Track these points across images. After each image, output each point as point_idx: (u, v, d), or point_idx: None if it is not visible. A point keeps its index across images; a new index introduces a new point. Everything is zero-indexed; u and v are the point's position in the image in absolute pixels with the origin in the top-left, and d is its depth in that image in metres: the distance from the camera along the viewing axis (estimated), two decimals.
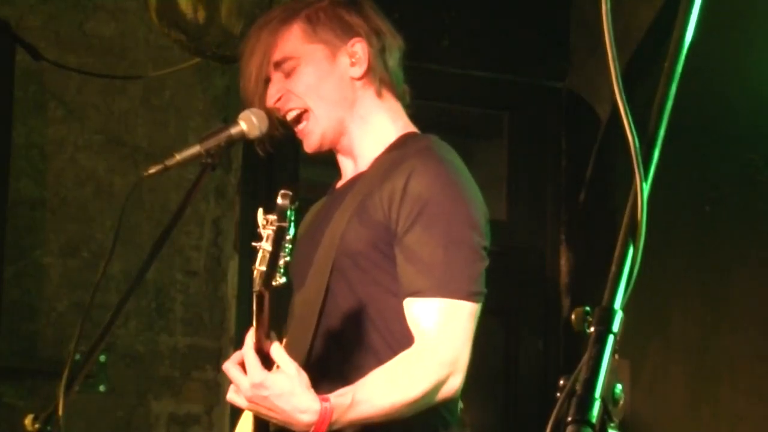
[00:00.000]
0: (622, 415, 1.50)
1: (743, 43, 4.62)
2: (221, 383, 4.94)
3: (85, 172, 4.82)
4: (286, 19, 2.97)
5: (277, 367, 2.64)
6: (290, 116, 2.96)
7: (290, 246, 2.48)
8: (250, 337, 2.62)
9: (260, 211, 2.50)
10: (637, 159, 1.59)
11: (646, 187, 1.59)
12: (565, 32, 5.45)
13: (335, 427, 2.64)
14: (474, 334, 2.78)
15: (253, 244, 2.50)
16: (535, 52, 5.43)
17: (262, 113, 2.92)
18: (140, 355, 4.85)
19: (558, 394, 1.51)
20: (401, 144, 2.93)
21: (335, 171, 3.15)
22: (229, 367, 2.66)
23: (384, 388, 2.68)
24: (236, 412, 4.87)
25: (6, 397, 4.66)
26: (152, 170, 2.82)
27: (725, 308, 4.77)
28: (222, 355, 4.94)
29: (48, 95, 4.80)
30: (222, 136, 2.87)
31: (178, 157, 2.84)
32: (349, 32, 2.95)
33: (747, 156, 4.68)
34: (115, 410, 4.80)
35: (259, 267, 2.49)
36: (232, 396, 2.70)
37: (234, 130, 2.89)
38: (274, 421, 2.66)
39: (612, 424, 1.48)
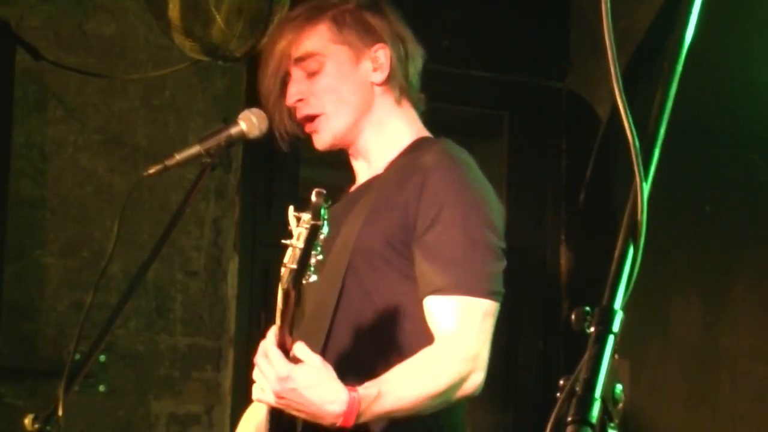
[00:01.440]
0: (622, 415, 1.50)
1: (743, 43, 4.61)
2: (221, 383, 4.94)
3: (85, 172, 4.82)
4: (313, 18, 2.97)
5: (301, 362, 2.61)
6: (307, 119, 2.96)
7: (320, 246, 2.47)
8: (273, 333, 2.59)
9: (291, 208, 2.49)
10: (637, 159, 1.59)
11: (646, 187, 1.59)
12: (565, 32, 5.45)
13: (361, 420, 2.62)
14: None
15: (284, 241, 2.50)
16: (535, 52, 5.43)
17: (261, 113, 2.92)
18: (140, 355, 4.84)
19: (558, 394, 1.51)
20: (415, 147, 2.95)
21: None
22: (261, 360, 2.60)
23: (408, 382, 2.67)
24: (237, 413, 4.88)
25: (6, 397, 4.66)
26: (152, 170, 2.83)
27: (725, 308, 4.77)
28: (222, 356, 4.94)
29: (48, 95, 4.79)
30: (222, 136, 2.87)
31: (178, 157, 2.85)
32: (373, 37, 2.96)
33: (747, 156, 4.68)
34: (115, 410, 4.80)
35: (289, 264, 2.48)
36: (258, 394, 2.67)
37: (234, 130, 2.89)
38: (303, 416, 2.62)
39: (612, 424, 1.48)
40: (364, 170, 3.02)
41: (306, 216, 2.45)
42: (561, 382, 1.52)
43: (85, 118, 4.84)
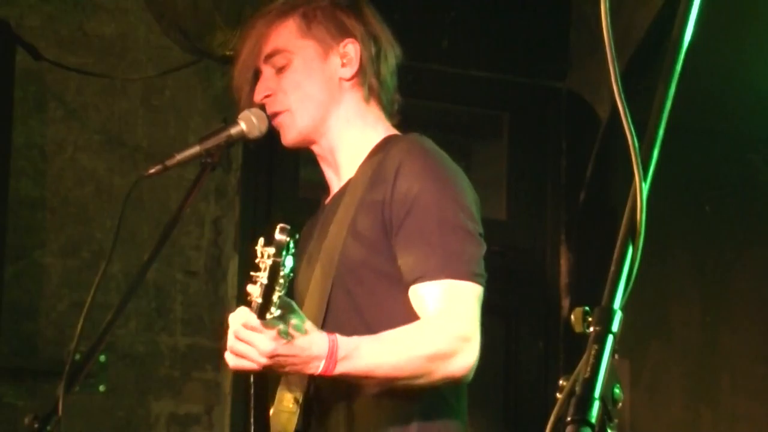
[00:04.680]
0: (622, 415, 1.50)
1: (743, 43, 4.61)
2: (221, 383, 4.94)
3: (85, 172, 4.82)
4: (283, 14, 2.98)
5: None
6: (275, 115, 2.96)
7: (285, 282, 2.45)
8: (243, 309, 2.60)
9: (260, 241, 2.48)
10: (637, 159, 1.59)
11: (646, 187, 1.59)
12: (565, 32, 5.45)
13: (342, 368, 2.61)
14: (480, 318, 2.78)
15: (251, 273, 2.49)
16: (535, 52, 5.43)
17: (261, 113, 2.92)
18: (140, 355, 4.84)
19: (558, 395, 1.51)
20: (383, 146, 2.93)
21: None
22: (240, 328, 2.61)
23: (390, 339, 2.67)
24: (236, 413, 4.89)
25: (6, 397, 4.66)
26: (152, 170, 2.83)
27: (725, 308, 4.77)
28: (222, 356, 4.93)
29: (48, 95, 4.79)
30: (222, 136, 2.88)
31: (178, 157, 2.85)
32: (343, 33, 2.95)
33: (747, 156, 4.68)
34: (115, 410, 4.80)
35: (255, 298, 2.49)
36: (238, 362, 2.65)
37: (234, 130, 2.89)
38: (289, 368, 2.61)
39: (611, 424, 1.48)
40: (333, 178, 3.01)
41: (270, 250, 2.44)
42: (561, 382, 1.52)
43: (85, 118, 4.84)
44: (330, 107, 2.94)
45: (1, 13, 4.65)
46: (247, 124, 2.90)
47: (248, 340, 2.59)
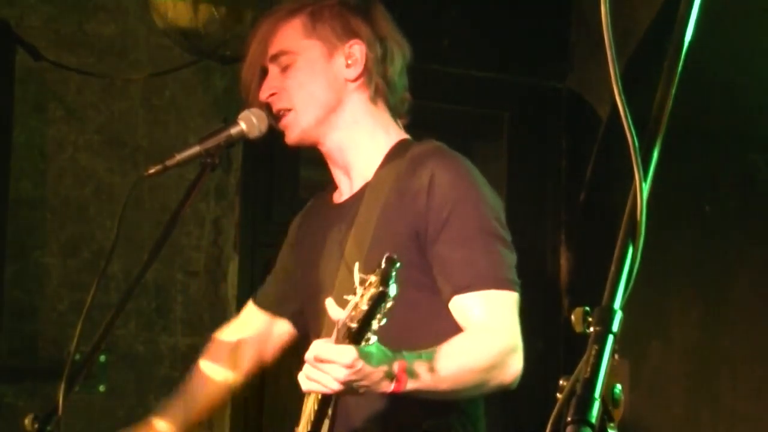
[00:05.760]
0: (622, 415, 1.50)
1: (743, 42, 4.61)
2: None
3: (85, 172, 4.82)
4: (290, 13, 2.99)
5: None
6: (281, 113, 2.97)
7: (385, 312, 2.41)
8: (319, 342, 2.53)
9: (356, 266, 2.46)
10: (637, 159, 1.59)
11: (646, 187, 1.59)
12: (565, 32, 5.45)
13: (410, 384, 2.56)
14: None
15: (345, 297, 2.45)
16: (535, 52, 5.43)
17: (261, 113, 2.93)
18: (140, 355, 4.84)
19: (558, 395, 1.51)
20: (402, 149, 2.93)
21: None
22: (320, 354, 2.51)
23: (450, 352, 2.65)
24: (237, 413, 4.88)
25: (6, 397, 4.66)
26: (152, 170, 2.83)
27: (725, 308, 4.77)
28: None
29: (48, 95, 4.79)
30: (222, 136, 2.88)
31: (178, 157, 2.85)
32: (349, 33, 2.95)
33: (747, 156, 4.68)
34: (115, 410, 4.80)
35: (348, 322, 2.43)
36: (311, 386, 2.55)
37: (234, 130, 2.90)
38: (363, 390, 2.54)
39: (611, 424, 1.48)
40: (343, 177, 3.00)
41: (373, 278, 2.39)
42: (561, 382, 1.53)
43: (85, 118, 4.84)
44: (335, 107, 2.94)
45: (1, 13, 4.65)
46: (247, 124, 2.90)
47: (323, 369, 2.51)
